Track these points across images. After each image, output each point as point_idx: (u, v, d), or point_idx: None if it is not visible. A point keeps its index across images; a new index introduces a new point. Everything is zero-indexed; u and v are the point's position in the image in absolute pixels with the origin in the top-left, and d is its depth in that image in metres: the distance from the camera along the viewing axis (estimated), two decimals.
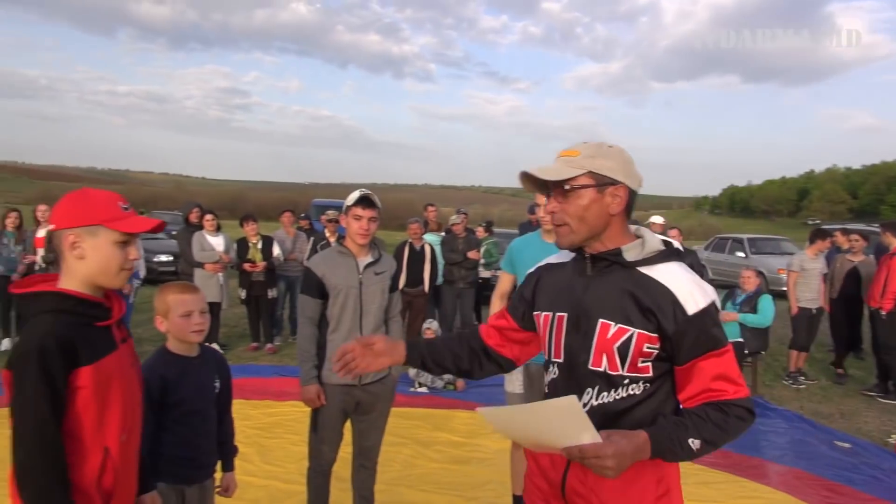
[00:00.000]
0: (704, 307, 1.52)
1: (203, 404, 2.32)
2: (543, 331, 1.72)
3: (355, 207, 3.07)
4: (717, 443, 1.50)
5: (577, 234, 1.61)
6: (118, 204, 1.66)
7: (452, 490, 4.05)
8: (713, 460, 4.66)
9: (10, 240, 7.17)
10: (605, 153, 1.61)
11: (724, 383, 1.51)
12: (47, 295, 1.59)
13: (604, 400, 1.58)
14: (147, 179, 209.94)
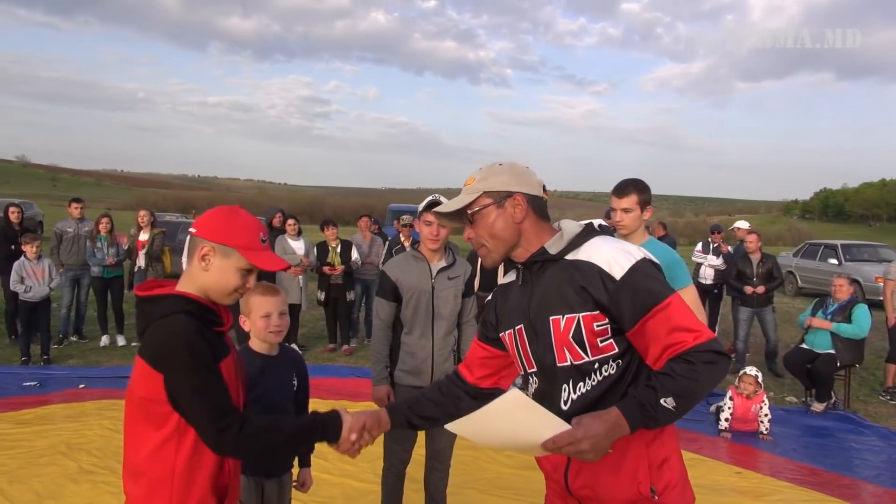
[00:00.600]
0: (630, 267, 1.55)
1: (281, 401, 2.40)
2: (511, 348, 1.78)
3: (426, 213, 3.12)
4: (693, 395, 1.48)
5: (494, 251, 1.70)
6: (259, 235, 1.73)
7: (523, 496, 4.03)
8: (801, 478, 4.44)
9: (103, 244, 7.68)
10: (496, 171, 1.71)
11: (680, 334, 1.50)
12: (173, 297, 1.65)
13: (582, 390, 1.62)
14: (233, 185, 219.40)
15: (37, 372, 6.53)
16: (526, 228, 1.69)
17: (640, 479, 1.58)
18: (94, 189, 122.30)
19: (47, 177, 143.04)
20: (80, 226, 7.79)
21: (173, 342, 1.56)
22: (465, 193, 1.72)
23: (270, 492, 2.38)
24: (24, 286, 6.74)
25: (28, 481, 3.96)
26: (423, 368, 3.16)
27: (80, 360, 7.16)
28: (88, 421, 5.10)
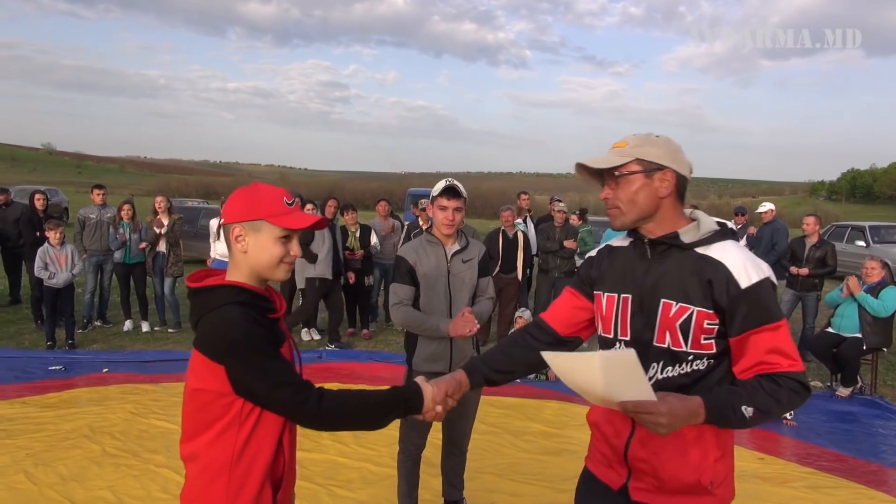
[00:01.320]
0: (758, 281, 1.60)
1: None
2: (609, 311, 1.81)
3: (440, 198, 3.08)
4: (771, 413, 1.57)
5: (626, 216, 1.73)
6: (283, 199, 1.68)
7: (542, 481, 4.01)
8: (826, 464, 4.36)
9: (126, 230, 7.75)
10: (652, 142, 1.73)
11: (777, 356, 1.58)
12: (225, 288, 1.63)
13: (668, 374, 1.68)
14: (254, 171, 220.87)
15: (62, 356, 6.64)
16: (665, 205, 1.72)
17: (704, 468, 1.65)
18: (118, 176, 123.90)
19: (72, 164, 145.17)
20: (102, 212, 7.87)
21: (230, 333, 1.54)
22: (617, 155, 1.73)
23: None
24: (48, 272, 6.84)
25: (53, 464, 4.02)
26: (443, 354, 3.14)
27: (104, 345, 7.26)
28: (112, 405, 5.17)
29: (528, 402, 5.59)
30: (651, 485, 1.72)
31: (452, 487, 3.41)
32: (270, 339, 1.60)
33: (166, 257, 7.92)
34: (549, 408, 5.45)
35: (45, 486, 3.72)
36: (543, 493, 3.85)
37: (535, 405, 5.50)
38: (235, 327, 1.54)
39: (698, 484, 1.65)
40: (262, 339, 1.57)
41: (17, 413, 4.92)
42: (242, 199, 1.67)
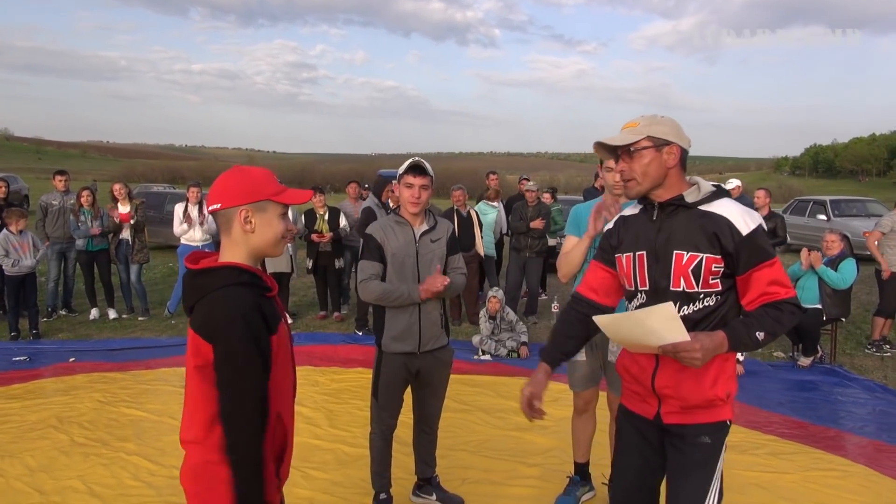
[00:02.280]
0: (754, 228, 1.96)
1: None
2: (628, 268, 2.14)
3: (407, 175, 3.08)
4: (776, 334, 1.95)
5: (642, 185, 2.05)
6: (275, 179, 1.77)
7: (514, 456, 4.07)
8: (787, 431, 4.51)
9: (87, 217, 7.59)
10: (660, 121, 2.07)
11: (776, 287, 1.95)
12: (227, 269, 1.67)
13: (685, 312, 2.01)
14: (221, 154, 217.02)
15: (26, 347, 6.51)
16: (671, 174, 2.05)
17: (717, 386, 2.01)
18: (80, 161, 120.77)
19: (31, 150, 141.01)
20: (65, 198, 7.69)
21: (231, 313, 1.58)
22: (630, 133, 2.05)
23: None
24: (10, 260, 6.68)
25: (20, 455, 3.96)
26: (411, 333, 3.15)
27: (69, 334, 7.14)
28: (79, 394, 5.10)
29: (500, 379, 5.65)
30: (678, 407, 2.05)
31: (425, 465, 3.45)
32: (271, 319, 1.65)
33: (131, 244, 7.78)
34: (521, 385, 5.51)
35: (11, 478, 3.66)
36: (515, 467, 3.92)
37: (507, 382, 5.57)
38: (234, 309, 1.59)
39: (716, 398, 2.01)
40: (260, 330, 1.60)
41: None
42: (240, 182, 1.71)
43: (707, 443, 2.03)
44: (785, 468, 3.92)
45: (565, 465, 3.71)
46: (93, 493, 3.48)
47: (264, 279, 1.73)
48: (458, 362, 5.88)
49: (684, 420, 2.06)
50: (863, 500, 3.52)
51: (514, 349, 6.43)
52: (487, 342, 6.45)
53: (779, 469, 3.90)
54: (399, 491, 3.43)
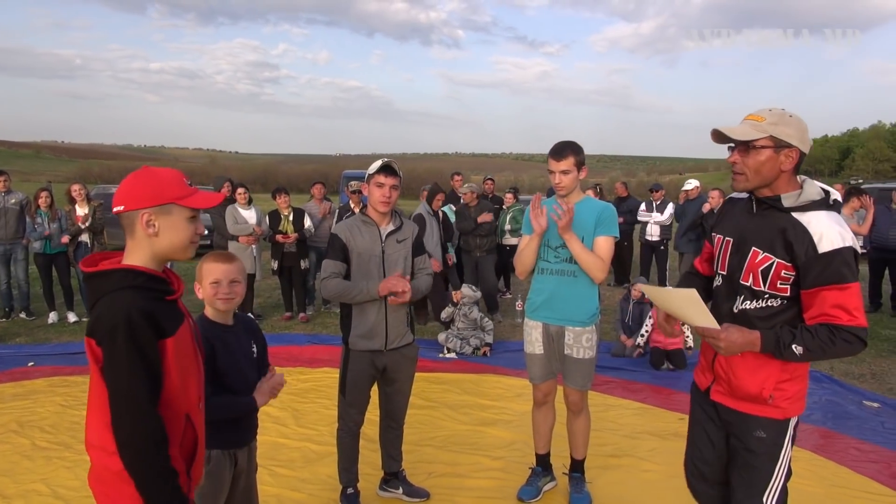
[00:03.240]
0: (835, 249, 1.94)
1: (245, 368, 2.36)
2: (717, 248, 2.26)
3: (378, 175, 3.14)
4: (820, 355, 1.97)
5: (750, 182, 2.08)
6: (184, 181, 1.73)
7: (479, 450, 4.17)
8: None
9: (44, 219, 7.45)
10: (787, 122, 2.03)
11: (839, 311, 1.94)
12: (120, 272, 1.64)
13: (747, 306, 2.11)
14: (181, 155, 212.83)
15: None
16: (783, 177, 2.06)
17: (765, 386, 2.09)
18: (34, 161, 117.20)
19: None
20: (6, 199, 7.51)
21: (115, 319, 1.56)
22: (753, 128, 2.04)
23: (242, 459, 2.38)
24: None
25: None
26: (378, 331, 3.21)
27: (28, 338, 7.00)
28: (39, 398, 5.03)
29: (466, 377, 5.75)
30: (725, 389, 2.19)
31: (391, 459, 3.52)
32: (162, 323, 1.62)
33: (90, 247, 7.65)
34: (487, 381, 5.63)
35: None
36: (479, 460, 4.02)
37: (472, 380, 5.67)
38: (119, 313, 1.56)
39: (759, 395, 2.10)
40: (147, 334, 1.57)
41: None
42: (145, 184, 1.68)
43: (762, 438, 2.11)
44: None
45: (527, 458, 3.83)
46: (57, 495, 3.46)
47: (167, 282, 1.71)
48: (424, 360, 5.98)
49: (730, 404, 2.19)
50: (806, 483, 3.71)
51: (478, 347, 6.54)
52: (453, 340, 6.54)
53: None
54: (366, 486, 3.49)
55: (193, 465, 1.75)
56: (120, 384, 1.56)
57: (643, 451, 4.17)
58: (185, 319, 1.73)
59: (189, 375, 1.73)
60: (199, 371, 1.81)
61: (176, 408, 1.67)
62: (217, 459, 2.26)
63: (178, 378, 1.66)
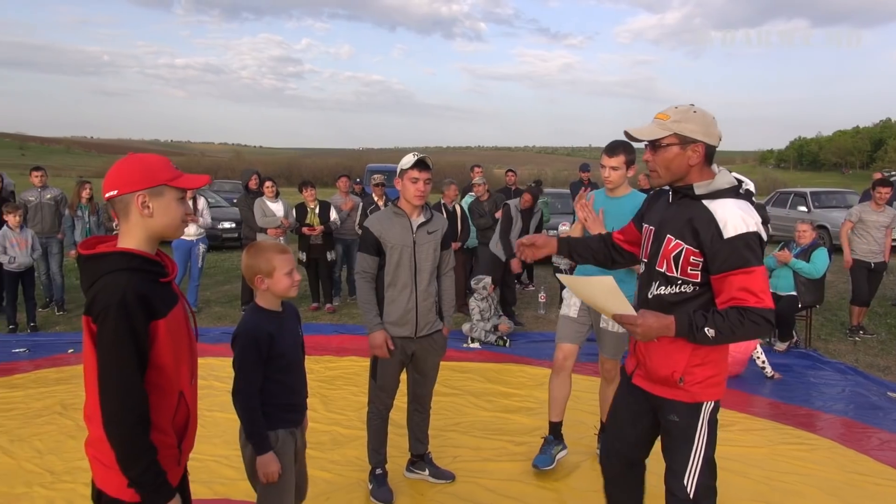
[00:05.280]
0: (739, 234, 2.02)
1: (297, 353, 2.48)
2: (644, 238, 2.37)
3: (412, 170, 3.24)
4: (731, 337, 2.03)
5: (662, 178, 2.20)
6: (171, 164, 1.84)
7: (503, 435, 4.28)
8: (760, 410, 4.75)
9: (84, 212, 7.69)
10: (690, 118, 2.13)
11: (746, 294, 2.01)
12: (117, 255, 1.72)
13: (662, 291, 2.21)
14: (207, 149, 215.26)
15: (25, 339, 6.64)
16: (694, 170, 2.16)
17: (676, 367, 2.18)
18: (64, 156, 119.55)
19: (14, 146, 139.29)
20: (42, 194, 7.77)
21: (110, 299, 1.64)
22: (659, 127, 2.15)
23: (299, 437, 2.51)
24: (7, 257, 6.77)
25: (28, 440, 4.12)
26: (408, 319, 3.33)
27: (66, 327, 7.26)
28: (81, 382, 5.17)
29: (489, 366, 5.86)
30: (644, 373, 2.30)
31: (418, 442, 3.65)
32: (155, 304, 1.70)
33: None
34: (510, 370, 5.73)
35: (22, 460, 3.82)
36: (504, 445, 4.13)
37: (496, 369, 5.77)
38: (113, 294, 1.64)
39: (670, 378, 2.19)
40: (138, 315, 1.65)
41: None
42: (136, 169, 1.77)
43: (675, 421, 2.20)
44: (756, 442, 4.16)
45: None
46: None
47: (161, 264, 1.79)
48: (448, 350, 6.10)
49: (649, 389, 2.29)
50: (826, 469, 3.77)
51: (502, 336, 6.64)
52: (477, 330, 6.65)
53: (750, 443, 4.14)
54: (393, 468, 3.62)
55: (185, 438, 1.85)
56: (110, 361, 1.65)
57: None
58: (178, 301, 1.82)
59: (182, 354, 1.81)
60: (193, 350, 1.90)
61: (169, 385, 1.77)
62: (283, 439, 2.38)
63: (171, 357, 1.75)
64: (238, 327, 2.39)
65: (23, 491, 3.46)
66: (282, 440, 2.37)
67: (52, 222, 7.81)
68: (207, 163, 72.02)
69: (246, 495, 3.44)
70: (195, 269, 7.90)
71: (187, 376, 1.84)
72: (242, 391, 2.32)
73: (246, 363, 2.31)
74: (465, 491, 3.54)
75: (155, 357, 1.72)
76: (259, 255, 2.38)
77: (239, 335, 2.35)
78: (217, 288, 9.65)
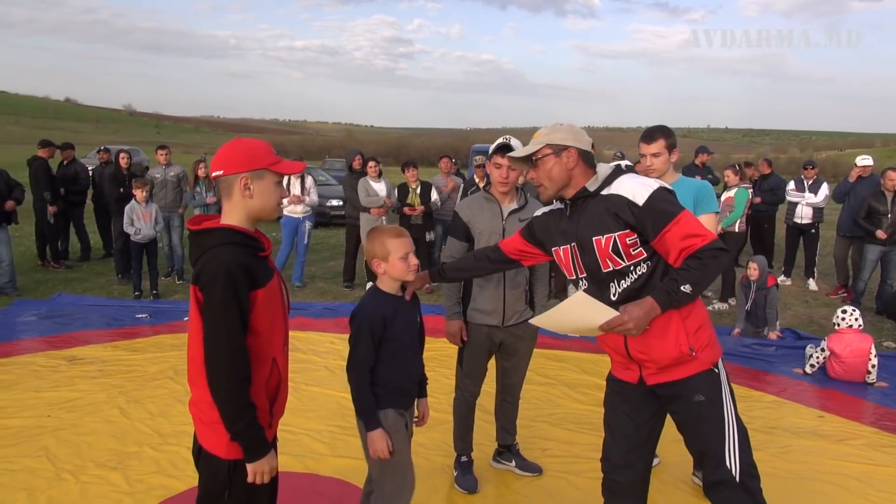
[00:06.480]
0: (649, 195, 2.12)
1: (412, 338, 2.50)
2: (566, 259, 2.34)
3: (496, 155, 3.14)
4: (704, 281, 2.08)
5: (550, 189, 2.29)
6: (272, 150, 1.97)
7: (595, 430, 4.08)
8: (891, 424, 4.28)
9: (202, 188, 8.14)
10: (558, 129, 2.29)
11: (691, 239, 2.07)
12: (221, 230, 1.89)
13: (624, 286, 2.21)
14: (322, 129, 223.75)
15: (148, 305, 7.16)
16: (575, 174, 2.25)
17: (681, 342, 2.15)
18: (194, 135, 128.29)
19: (151, 124, 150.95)
20: (166, 171, 8.30)
21: (219, 268, 1.79)
22: (533, 144, 2.28)
23: (410, 419, 2.56)
24: (134, 228, 7.30)
25: (142, 401, 4.43)
26: (496, 308, 3.25)
27: (185, 295, 7.74)
28: None
29: (586, 356, 5.67)
30: (654, 368, 2.23)
31: (505, 432, 3.57)
32: (256, 275, 1.85)
33: None
34: (605, 362, 5.47)
35: (136, 421, 4.12)
36: (595, 441, 3.90)
37: (592, 359, 5.58)
38: (221, 265, 1.79)
39: (682, 354, 2.16)
40: (242, 284, 1.80)
41: (110, 356, 5.40)
42: (241, 152, 1.91)
43: (702, 400, 2.18)
44: (882, 461, 3.75)
45: None
46: None
47: (259, 240, 1.93)
48: (544, 336, 5.94)
49: (666, 378, 2.22)
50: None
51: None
52: None
53: (875, 461, 3.74)
54: (479, 456, 3.57)
55: (276, 402, 1.99)
56: (216, 326, 1.79)
57: (775, 448, 3.92)
58: (274, 274, 1.95)
59: (276, 324, 1.95)
60: (285, 320, 2.02)
61: (264, 352, 1.89)
62: (393, 419, 2.41)
63: (266, 325, 1.89)
64: (357, 306, 2.44)
65: (134, 450, 3.72)
66: (392, 420, 2.40)
67: (175, 197, 8.34)
68: (321, 141, 74.59)
69: (335, 472, 3.52)
70: (301, 245, 8.19)
71: (280, 344, 1.98)
72: (354, 368, 2.38)
73: (358, 342, 2.36)
74: (553, 486, 3.44)
75: (253, 324, 1.85)
76: (375, 239, 2.43)
77: (355, 314, 2.40)
78: (322, 264, 9.97)
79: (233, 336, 1.80)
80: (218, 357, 1.80)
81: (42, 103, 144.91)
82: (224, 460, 1.89)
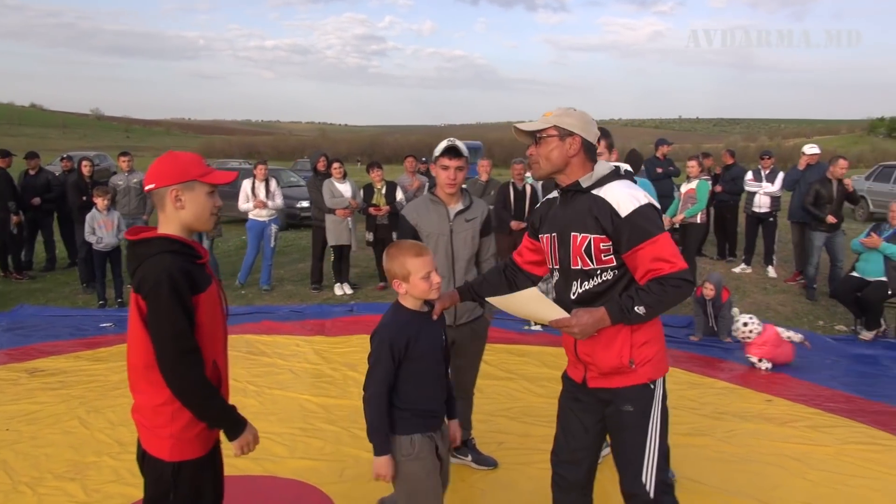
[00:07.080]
0: (634, 210, 2.12)
1: (436, 357, 2.40)
2: (546, 248, 2.39)
3: (442, 157, 3.18)
4: (660, 307, 2.10)
5: (543, 168, 2.29)
6: (203, 161, 2.06)
7: (552, 423, 4.16)
8: (833, 405, 4.46)
9: None
10: (570, 114, 2.28)
11: (661, 263, 2.08)
12: (159, 239, 1.96)
13: (587, 287, 2.24)
14: (295, 129, 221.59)
15: (112, 314, 7.11)
16: (573, 162, 2.26)
17: (622, 354, 2.20)
18: (164, 138, 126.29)
19: (120, 129, 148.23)
20: (129, 177, 8.24)
21: (160, 275, 1.86)
22: (541, 121, 2.29)
23: (441, 444, 2.44)
24: (95, 237, 7.24)
25: (103, 411, 4.43)
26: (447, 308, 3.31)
27: None
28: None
29: (548, 349, 5.76)
30: (596, 373, 2.28)
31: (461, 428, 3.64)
32: (196, 281, 1.93)
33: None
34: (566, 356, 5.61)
35: (96, 430, 4.12)
36: (552, 433, 4.04)
37: (554, 353, 5.65)
38: (162, 271, 1.86)
39: (622, 365, 2.21)
40: (183, 288, 1.87)
41: (71, 366, 5.38)
42: (171, 165, 1.99)
43: (630, 411, 2.24)
44: (822, 441, 3.91)
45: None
46: None
47: (195, 248, 2.01)
48: (508, 332, 6.07)
49: (605, 384, 2.28)
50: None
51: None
52: None
53: (815, 441, 3.90)
54: None
55: None
56: (167, 329, 1.86)
57: (721, 433, 4.06)
58: (212, 280, 2.03)
59: (216, 327, 2.03)
60: (224, 324, 2.10)
61: (205, 354, 1.97)
62: (420, 444, 2.32)
63: (207, 329, 1.97)
64: (379, 323, 2.35)
65: (92, 460, 3.73)
66: (419, 445, 2.31)
67: (139, 204, 8.29)
68: (294, 141, 73.42)
69: (293, 474, 3.57)
70: (268, 248, 8.20)
71: (221, 347, 2.06)
72: (370, 388, 2.28)
73: (378, 361, 2.27)
74: (508, 478, 3.53)
75: (194, 328, 1.92)
76: (395, 259, 2.32)
77: (377, 331, 2.31)
78: (292, 266, 9.97)
79: (182, 335, 1.87)
80: (173, 359, 1.87)
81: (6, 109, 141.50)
82: (168, 463, 1.95)
